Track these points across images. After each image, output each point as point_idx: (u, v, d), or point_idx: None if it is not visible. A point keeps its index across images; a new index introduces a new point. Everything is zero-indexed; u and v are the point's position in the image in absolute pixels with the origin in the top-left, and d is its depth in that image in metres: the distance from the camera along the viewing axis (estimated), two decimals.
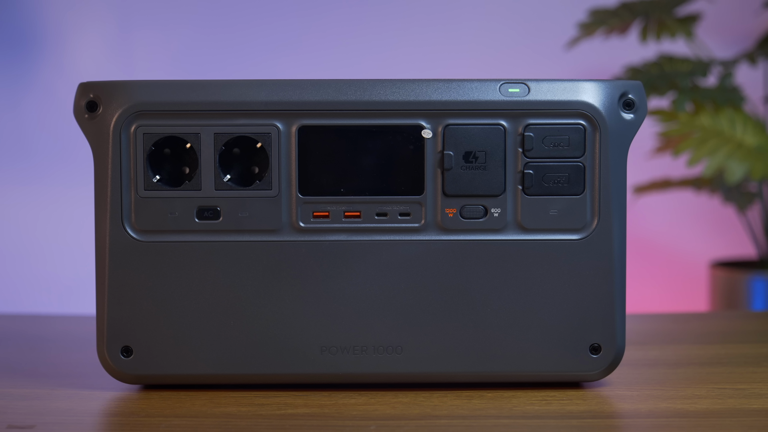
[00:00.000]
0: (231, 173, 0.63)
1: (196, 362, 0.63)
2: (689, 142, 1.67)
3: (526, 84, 0.62)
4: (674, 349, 0.78)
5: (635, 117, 0.63)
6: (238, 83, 0.62)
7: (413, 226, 0.63)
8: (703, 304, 2.10)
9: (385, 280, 0.62)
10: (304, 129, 0.62)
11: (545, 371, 0.63)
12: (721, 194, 1.91)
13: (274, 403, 0.61)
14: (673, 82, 1.73)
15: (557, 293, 0.63)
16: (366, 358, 0.63)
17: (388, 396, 0.62)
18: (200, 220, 0.62)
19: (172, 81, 0.62)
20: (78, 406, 0.61)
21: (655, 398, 0.62)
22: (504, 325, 0.63)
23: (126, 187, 0.62)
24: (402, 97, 0.62)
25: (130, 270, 0.62)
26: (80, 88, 0.62)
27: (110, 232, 0.62)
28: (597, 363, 0.63)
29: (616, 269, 0.63)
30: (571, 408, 0.60)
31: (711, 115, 1.72)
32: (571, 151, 0.62)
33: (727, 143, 1.67)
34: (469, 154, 0.62)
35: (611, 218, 0.62)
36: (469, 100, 0.62)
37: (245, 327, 0.62)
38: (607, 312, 0.63)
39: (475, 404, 0.61)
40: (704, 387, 0.64)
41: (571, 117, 0.62)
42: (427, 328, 0.63)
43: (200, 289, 0.62)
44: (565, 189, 0.63)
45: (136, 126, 0.62)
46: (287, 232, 0.63)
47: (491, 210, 0.63)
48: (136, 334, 0.62)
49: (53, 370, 0.70)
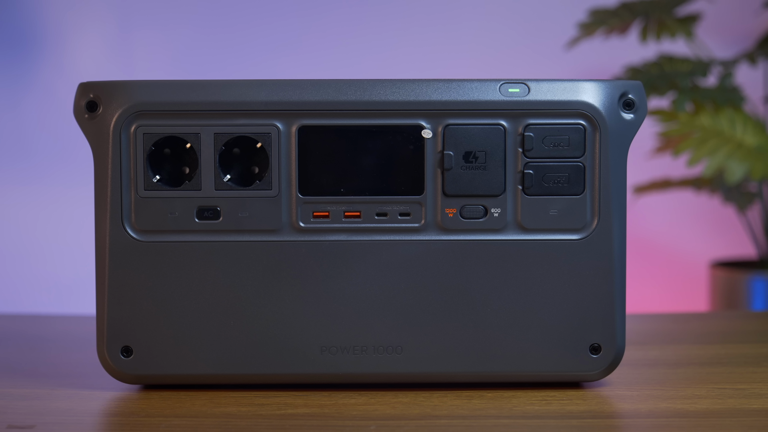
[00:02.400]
0: (231, 173, 0.63)
1: (196, 362, 0.63)
2: (689, 142, 1.67)
3: (526, 84, 0.62)
4: (674, 349, 0.78)
5: (635, 117, 0.63)
6: (238, 83, 0.62)
7: (413, 226, 0.63)
8: (703, 304, 2.10)
9: (385, 280, 0.62)
10: (304, 129, 0.62)
11: (545, 371, 0.63)
12: (721, 194, 1.91)
13: (274, 403, 0.61)
14: (673, 82, 1.73)
15: (557, 293, 0.63)
16: (366, 358, 0.63)
17: (388, 396, 0.62)
18: (200, 220, 0.62)
19: (172, 81, 0.62)
20: (78, 406, 0.61)
21: (655, 398, 0.62)
22: (504, 325, 0.63)
23: (126, 187, 0.62)
24: (402, 97, 0.62)
25: (130, 270, 0.62)
26: (80, 88, 0.62)
27: (110, 232, 0.62)
28: (597, 363, 0.63)
29: (616, 269, 0.63)
30: (571, 408, 0.60)
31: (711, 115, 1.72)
32: (571, 151, 0.62)
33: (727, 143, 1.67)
34: (469, 154, 0.62)
35: (611, 218, 0.62)
36: (469, 100, 0.62)
37: (245, 327, 0.62)
38: (607, 312, 0.63)
39: (475, 404, 0.61)
40: (704, 387, 0.64)
41: (571, 117, 0.62)
42: (427, 328, 0.63)
43: (200, 289, 0.62)
44: (565, 189, 0.63)
45: (136, 126, 0.62)
46: (287, 232, 0.63)
47: (491, 210, 0.63)
48: (136, 334, 0.62)
49: (53, 370, 0.70)
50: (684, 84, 1.73)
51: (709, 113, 1.72)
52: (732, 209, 2.10)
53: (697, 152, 1.66)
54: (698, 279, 2.13)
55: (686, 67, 1.78)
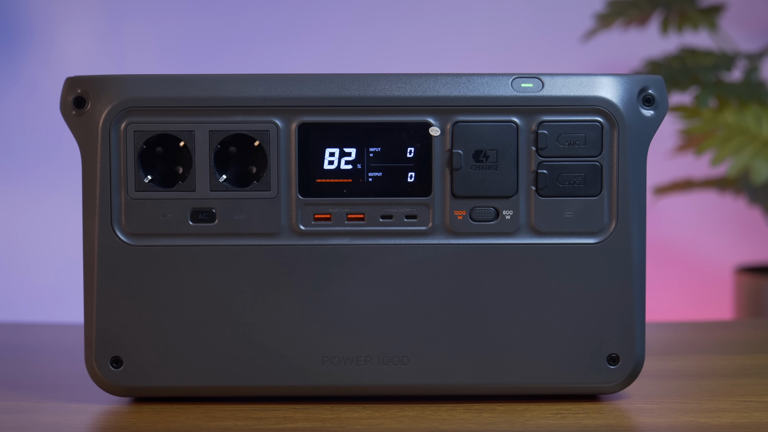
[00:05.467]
0: (227, 173, 0.63)
1: (190, 373, 0.63)
2: (713, 140, 1.67)
3: (539, 78, 0.63)
4: (697, 360, 0.78)
5: (655, 114, 0.63)
6: (235, 78, 0.62)
7: (420, 230, 0.63)
8: (727, 312, 2.10)
9: (390, 286, 0.63)
10: (304, 126, 0.62)
11: (560, 383, 0.63)
12: (747, 195, 1.91)
13: (273, 416, 0.61)
14: (695, 76, 1.73)
15: (572, 300, 0.63)
16: (370, 369, 0.63)
17: (394, 409, 0.62)
18: (194, 223, 0.63)
19: (164, 75, 0.62)
20: (65, 420, 0.61)
21: (676, 412, 0.62)
22: (516, 334, 0.63)
23: (116, 187, 0.62)
24: (408, 92, 0.62)
25: (120, 276, 0.62)
26: (67, 83, 0.63)
27: (99, 236, 0.62)
28: (615, 374, 0.63)
29: (635, 275, 0.63)
30: (587, 422, 0.60)
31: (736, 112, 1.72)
32: (587, 150, 0.63)
33: (752, 141, 1.67)
34: (479, 153, 0.62)
35: (630, 221, 0.63)
36: (480, 96, 0.62)
37: (242, 336, 0.63)
38: (626, 320, 0.63)
39: (485, 418, 0.61)
40: (729, 400, 0.64)
41: (588, 113, 0.62)
42: (434, 338, 0.63)
43: (194, 296, 0.62)
44: (581, 190, 0.63)
45: (127, 123, 0.62)
46: (286, 235, 0.63)
47: (503, 212, 0.63)
48: (127, 344, 0.63)
49: (38, 382, 0.70)
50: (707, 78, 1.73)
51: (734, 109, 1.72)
52: (758, 211, 2.09)
53: (721, 151, 1.66)
54: (722, 285, 2.13)
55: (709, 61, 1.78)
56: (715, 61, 1.78)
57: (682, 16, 1.84)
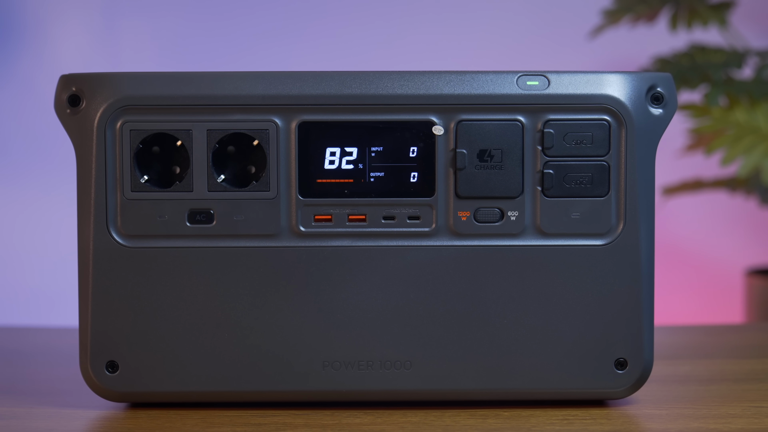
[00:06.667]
0: (225, 173, 0.63)
1: (188, 378, 0.63)
2: (723, 139, 1.67)
3: (545, 76, 0.63)
4: (707, 364, 0.78)
5: (664, 112, 0.63)
6: (233, 75, 0.62)
7: (423, 231, 0.63)
8: (738, 315, 2.10)
9: (392, 289, 0.62)
10: (304, 125, 0.62)
11: (566, 388, 0.63)
12: (758, 196, 1.91)
13: (272, 422, 0.61)
14: (705, 74, 1.73)
15: (579, 303, 0.63)
16: (372, 374, 0.63)
17: (396, 415, 0.62)
18: (192, 224, 0.63)
19: (161, 73, 0.62)
20: (59, 426, 0.61)
21: (686, 417, 0.62)
22: (521, 339, 0.63)
23: (111, 188, 0.62)
24: (411, 90, 0.62)
25: (116, 278, 0.62)
26: (62, 81, 0.63)
27: (94, 237, 0.62)
28: (623, 379, 0.63)
29: (644, 277, 0.63)
30: (594, 428, 0.60)
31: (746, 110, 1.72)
32: (594, 149, 0.63)
33: (764, 140, 1.67)
34: (483, 153, 0.62)
35: (638, 222, 0.63)
36: (484, 94, 0.62)
37: (241, 340, 0.63)
38: (634, 324, 0.63)
39: (490, 424, 0.61)
40: (740, 405, 0.64)
41: (595, 112, 0.62)
42: (437, 342, 0.63)
43: (192, 299, 0.62)
44: (588, 190, 0.63)
45: (123, 122, 0.62)
46: (286, 237, 0.63)
47: (508, 213, 0.63)
48: (123, 348, 0.63)
49: (32, 387, 0.70)
50: (717, 76, 1.73)
51: (745, 108, 1.72)
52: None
53: (732, 150, 1.66)
54: (733, 288, 2.13)
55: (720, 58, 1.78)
56: (726, 59, 1.77)
57: (692, 12, 1.84)
